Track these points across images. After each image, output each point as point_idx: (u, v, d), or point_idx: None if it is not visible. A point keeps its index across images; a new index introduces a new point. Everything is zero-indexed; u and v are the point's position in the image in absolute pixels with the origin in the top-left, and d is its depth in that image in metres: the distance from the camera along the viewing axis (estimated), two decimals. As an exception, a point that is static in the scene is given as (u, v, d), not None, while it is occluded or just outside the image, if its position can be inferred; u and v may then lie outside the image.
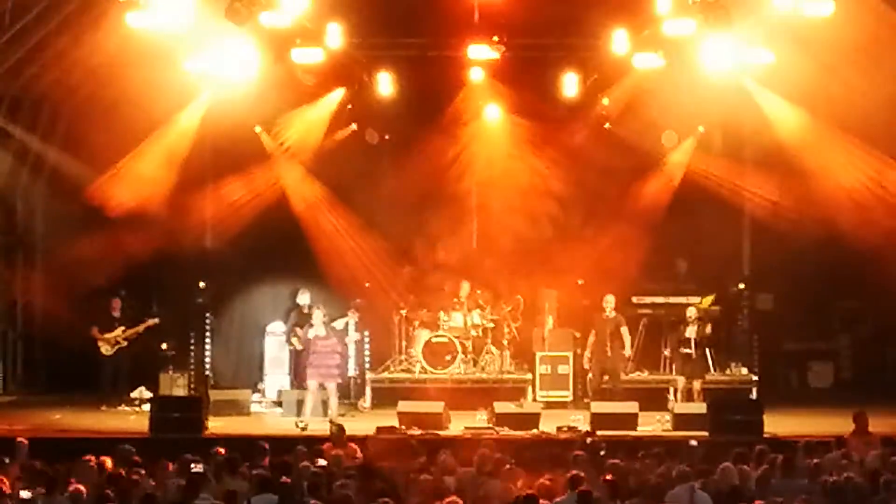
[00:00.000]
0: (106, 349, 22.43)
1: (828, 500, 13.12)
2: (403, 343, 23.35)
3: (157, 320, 22.56)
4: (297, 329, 22.21)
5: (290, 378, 22.94)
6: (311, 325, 20.67)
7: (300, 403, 20.64)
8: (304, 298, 22.27)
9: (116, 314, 22.65)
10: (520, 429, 19.55)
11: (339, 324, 22.17)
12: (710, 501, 13.01)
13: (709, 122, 23.38)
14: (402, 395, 21.33)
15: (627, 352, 22.10)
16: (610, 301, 22.10)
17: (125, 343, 22.48)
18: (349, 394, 23.11)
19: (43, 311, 24.73)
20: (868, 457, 15.23)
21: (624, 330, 22.02)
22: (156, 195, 22.57)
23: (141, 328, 22.49)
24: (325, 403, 20.57)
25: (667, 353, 22.51)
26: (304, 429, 19.64)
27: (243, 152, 23.25)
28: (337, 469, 14.32)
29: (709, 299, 23.11)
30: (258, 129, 23.24)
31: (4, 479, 13.25)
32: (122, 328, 22.49)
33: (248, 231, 23.91)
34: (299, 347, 22.17)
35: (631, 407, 20.18)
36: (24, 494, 12.64)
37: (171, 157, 22.47)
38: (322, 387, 20.50)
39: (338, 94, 22.82)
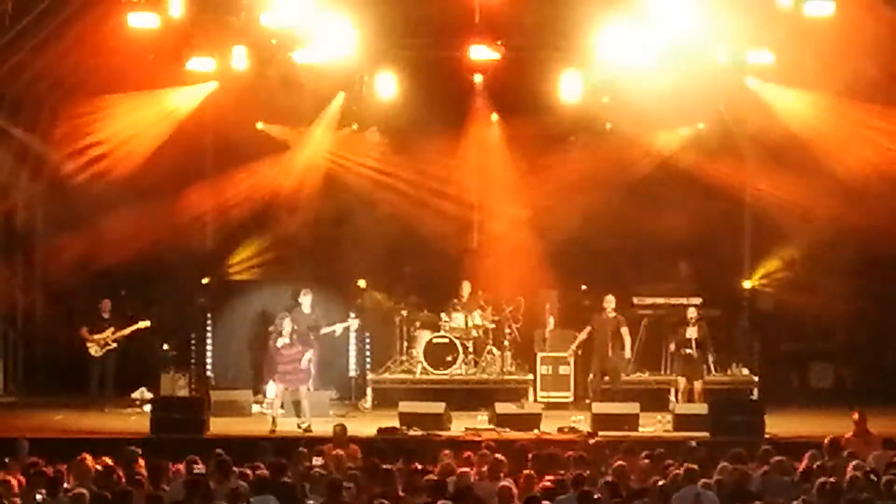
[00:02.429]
0: (95, 350, 22.33)
1: (828, 501, 13.11)
2: (404, 344, 23.35)
3: (147, 323, 22.46)
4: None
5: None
6: (280, 335, 20.60)
7: (297, 404, 20.69)
8: (305, 299, 22.26)
9: (106, 315, 22.57)
10: (521, 429, 19.55)
11: (338, 328, 22.20)
12: (716, 501, 13.01)
13: (709, 120, 23.36)
14: (403, 396, 21.34)
15: (627, 353, 22.03)
16: (610, 301, 22.05)
17: (114, 345, 22.41)
18: (350, 394, 23.13)
19: (43, 311, 24.74)
20: (868, 457, 15.22)
21: (624, 331, 21.94)
22: (156, 193, 22.61)
23: (128, 331, 22.38)
24: (297, 404, 20.56)
25: (673, 347, 22.35)
26: (306, 430, 19.64)
27: (244, 152, 23.25)
28: (337, 469, 14.32)
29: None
30: (260, 125, 23.24)
31: (12, 479, 13.25)
32: (112, 329, 22.43)
33: (249, 230, 23.97)
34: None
35: (632, 408, 20.19)
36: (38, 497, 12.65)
37: (170, 154, 22.48)
38: (291, 391, 20.56)
39: (340, 97, 22.83)
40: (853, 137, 21.35)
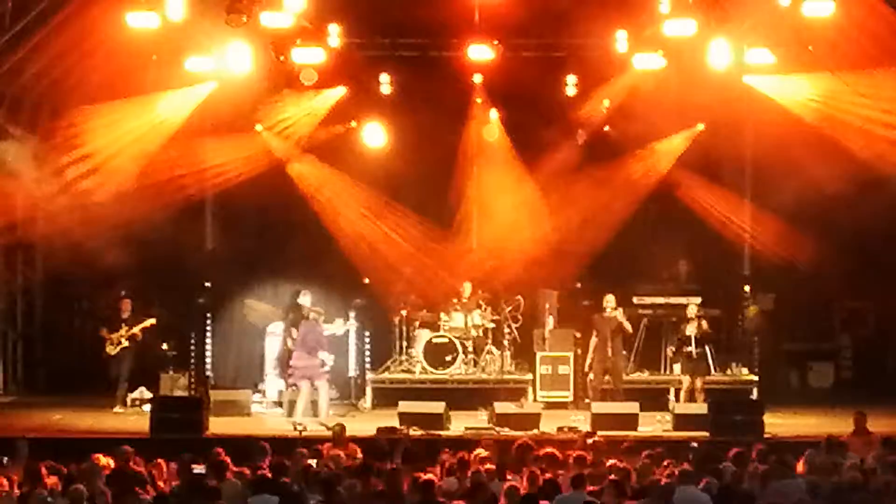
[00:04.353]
0: (110, 349, 22.40)
1: (827, 501, 13.10)
2: (404, 343, 23.35)
3: (153, 321, 22.48)
4: (294, 329, 22.36)
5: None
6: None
7: (292, 404, 20.76)
8: (305, 300, 22.28)
9: (125, 315, 22.60)
10: (520, 429, 19.55)
11: (339, 329, 22.24)
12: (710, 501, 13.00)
13: (709, 122, 23.37)
14: (403, 396, 21.31)
15: (610, 353, 21.89)
16: (610, 300, 22.00)
17: (126, 343, 22.44)
18: (349, 394, 23.13)
19: (43, 311, 24.74)
20: (867, 457, 15.22)
21: (623, 319, 21.86)
22: (155, 193, 22.65)
23: (137, 329, 22.43)
24: (314, 404, 20.62)
25: (671, 350, 22.30)
26: (302, 431, 19.62)
27: (244, 151, 23.27)
28: (337, 469, 14.31)
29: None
30: (259, 127, 23.26)
31: (10, 479, 13.24)
32: (126, 328, 22.47)
33: (248, 230, 23.98)
34: (294, 347, 22.38)
35: (631, 407, 20.18)
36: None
37: (170, 153, 22.54)
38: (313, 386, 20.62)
39: (338, 92, 22.84)
40: (853, 137, 21.36)
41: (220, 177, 23.28)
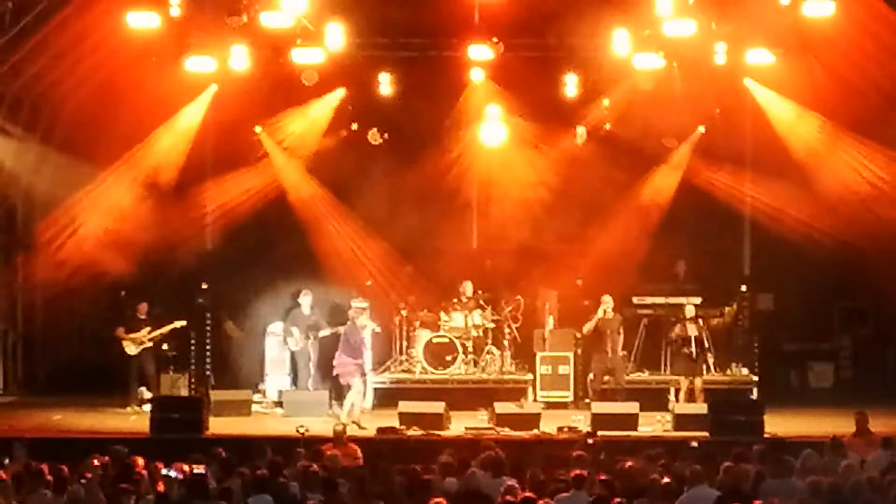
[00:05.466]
0: (131, 349, 22.41)
1: (827, 501, 13.09)
2: (404, 343, 23.34)
3: (183, 322, 22.49)
4: (294, 329, 22.33)
5: (291, 378, 22.95)
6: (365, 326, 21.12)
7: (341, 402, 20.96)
8: (305, 300, 22.28)
9: (142, 316, 22.62)
10: (520, 429, 19.55)
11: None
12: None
13: (709, 122, 23.37)
14: (403, 396, 21.32)
15: (610, 354, 21.95)
16: (608, 301, 21.98)
17: (150, 343, 22.46)
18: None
19: (43, 311, 24.74)
20: (868, 457, 15.22)
21: (619, 332, 21.92)
22: (155, 195, 22.70)
23: (167, 329, 22.47)
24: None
25: (672, 346, 22.27)
26: (304, 433, 19.59)
27: (244, 153, 23.29)
28: (335, 469, 14.31)
29: (730, 310, 23.19)
30: (258, 129, 23.28)
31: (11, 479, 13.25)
32: (148, 329, 22.48)
33: (248, 231, 23.98)
34: (294, 348, 22.35)
35: (631, 407, 20.17)
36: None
37: (171, 157, 22.56)
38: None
39: (338, 94, 22.86)
40: (836, 183, 21.53)
41: (226, 216, 23.42)
